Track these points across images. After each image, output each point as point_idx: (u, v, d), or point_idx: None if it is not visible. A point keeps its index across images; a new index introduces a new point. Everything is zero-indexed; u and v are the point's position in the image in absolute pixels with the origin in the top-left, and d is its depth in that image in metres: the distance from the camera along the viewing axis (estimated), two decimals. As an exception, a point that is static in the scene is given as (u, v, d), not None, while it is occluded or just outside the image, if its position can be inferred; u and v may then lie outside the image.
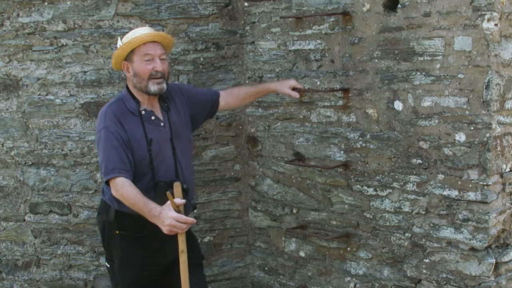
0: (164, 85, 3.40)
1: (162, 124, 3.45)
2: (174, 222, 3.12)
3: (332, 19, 3.74)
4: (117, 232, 3.42)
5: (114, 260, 3.47)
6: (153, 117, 3.43)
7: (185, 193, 3.33)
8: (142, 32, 3.41)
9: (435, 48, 3.30)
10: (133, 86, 3.43)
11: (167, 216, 3.12)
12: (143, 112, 3.41)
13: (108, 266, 3.54)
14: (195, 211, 3.66)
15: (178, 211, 3.17)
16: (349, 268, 3.88)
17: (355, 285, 3.86)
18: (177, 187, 3.23)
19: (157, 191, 3.30)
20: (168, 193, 3.15)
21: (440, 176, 3.38)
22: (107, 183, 3.28)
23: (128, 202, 3.24)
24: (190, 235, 3.67)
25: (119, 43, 3.43)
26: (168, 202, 3.16)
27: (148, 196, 3.21)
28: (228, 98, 3.79)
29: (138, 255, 3.42)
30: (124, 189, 3.22)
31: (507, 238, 3.40)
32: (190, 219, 3.17)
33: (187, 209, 3.30)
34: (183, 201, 3.19)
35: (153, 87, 3.37)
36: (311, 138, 3.94)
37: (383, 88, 3.55)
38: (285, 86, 3.76)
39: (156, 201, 3.21)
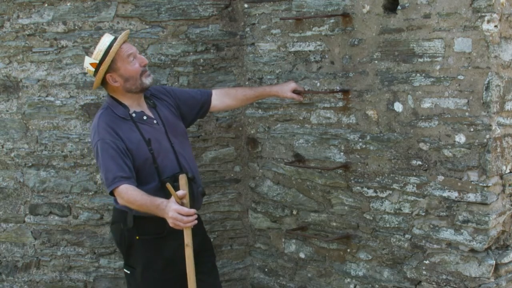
0: (152, 75, 3.49)
1: (155, 121, 3.45)
2: (175, 214, 3.10)
3: (332, 21, 3.75)
4: (137, 237, 3.39)
5: (135, 266, 3.44)
6: (145, 117, 3.43)
7: (192, 181, 3.34)
8: (112, 38, 3.37)
9: (435, 50, 3.31)
10: (125, 91, 3.40)
11: (170, 209, 3.12)
12: (133, 115, 3.40)
13: (128, 272, 3.50)
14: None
15: (182, 204, 3.14)
16: (349, 269, 3.88)
17: (355, 287, 3.86)
18: (181, 179, 3.22)
19: (165, 190, 3.26)
20: (168, 184, 3.14)
21: (440, 178, 3.38)
22: (112, 194, 3.28)
23: (136, 206, 3.23)
24: (205, 232, 3.71)
25: (88, 62, 3.36)
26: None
27: (158, 196, 3.20)
28: (225, 98, 3.77)
29: (160, 257, 3.40)
30: (129, 195, 3.21)
31: (507, 239, 3.40)
32: (192, 210, 3.14)
33: (196, 197, 3.29)
34: (184, 192, 3.17)
35: (147, 80, 3.41)
36: (311, 139, 3.94)
37: (383, 89, 3.55)
38: (287, 91, 3.74)
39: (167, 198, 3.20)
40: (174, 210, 3.11)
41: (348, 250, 3.85)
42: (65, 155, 4.21)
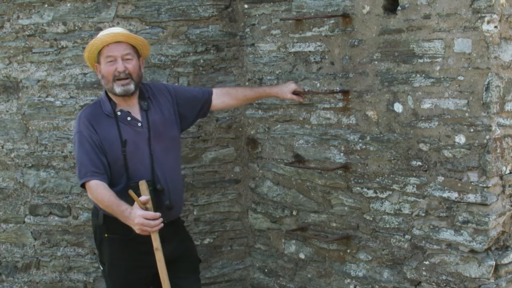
0: (131, 86, 3.35)
1: (139, 124, 3.40)
2: (142, 220, 3.10)
3: (332, 21, 3.75)
4: (106, 235, 3.41)
5: (105, 262, 3.48)
6: (129, 118, 3.39)
7: (160, 193, 3.31)
8: (104, 33, 3.39)
9: (435, 50, 3.31)
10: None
11: (135, 215, 3.11)
12: (118, 113, 3.38)
13: (101, 268, 3.55)
14: (187, 215, 3.65)
15: (146, 209, 3.13)
16: (349, 270, 3.88)
17: (355, 287, 3.86)
18: (141, 185, 3.20)
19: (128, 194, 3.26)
20: (130, 191, 3.13)
21: (440, 178, 3.38)
22: (83, 187, 3.30)
23: (102, 205, 3.24)
24: (186, 238, 3.65)
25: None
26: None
27: (125, 199, 3.19)
28: (225, 97, 3.73)
29: (127, 258, 3.40)
30: (98, 192, 3.23)
31: (507, 240, 3.40)
32: (158, 214, 3.14)
33: (160, 211, 3.24)
34: (146, 197, 3.16)
35: (118, 89, 3.34)
36: (311, 140, 3.94)
37: (383, 90, 3.55)
38: (286, 92, 3.73)
39: (130, 203, 3.19)
40: (140, 216, 3.10)
41: (348, 250, 3.85)
42: (65, 155, 4.21)
